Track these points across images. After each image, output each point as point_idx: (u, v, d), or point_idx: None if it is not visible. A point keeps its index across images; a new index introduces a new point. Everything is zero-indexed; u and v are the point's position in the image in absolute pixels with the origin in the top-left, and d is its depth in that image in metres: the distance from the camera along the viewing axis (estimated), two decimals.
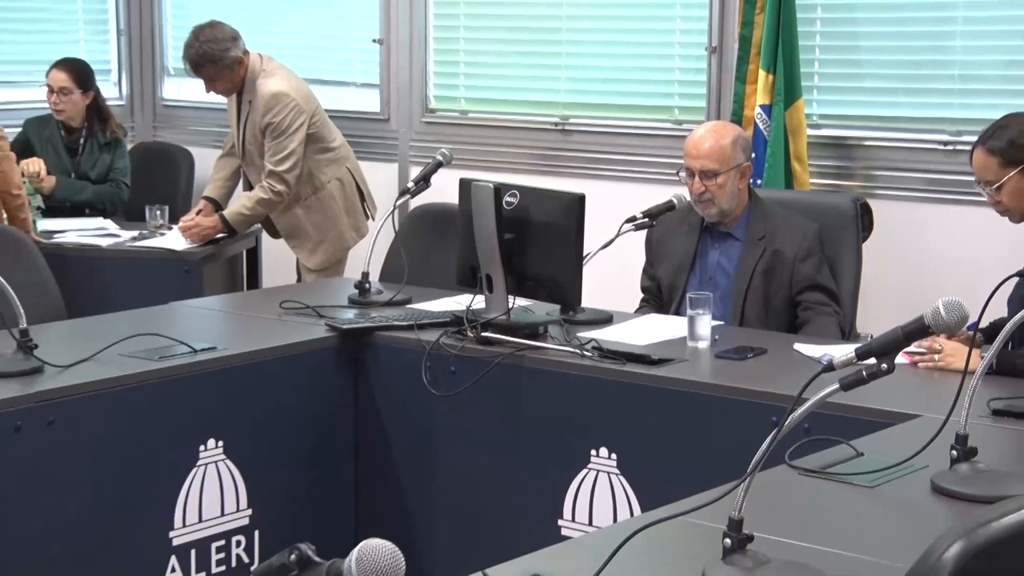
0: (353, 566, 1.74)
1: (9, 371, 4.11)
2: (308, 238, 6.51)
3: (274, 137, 6.36)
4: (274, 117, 6.35)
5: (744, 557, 2.64)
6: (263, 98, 6.40)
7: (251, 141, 6.46)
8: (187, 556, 4.38)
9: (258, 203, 6.37)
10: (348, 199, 6.52)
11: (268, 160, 6.36)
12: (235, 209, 6.42)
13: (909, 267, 5.57)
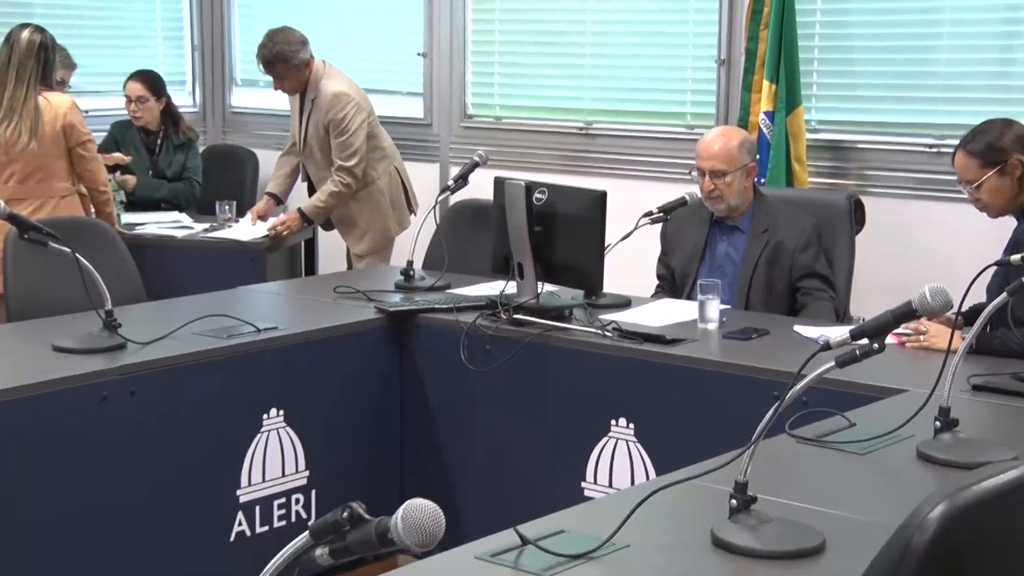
0: (399, 523, 1.74)
1: (96, 347, 4.15)
2: (357, 227, 6.51)
3: (339, 135, 6.34)
4: (336, 115, 6.33)
5: (748, 516, 2.64)
6: (326, 97, 6.37)
7: (312, 136, 6.44)
8: (252, 512, 4.41)
9: (330, 196, 6.36)
10: (394, 194, 6.52)
11: (336, 156, 6.33)
12: (311, 203, 6.41)
13: (897, 257, 5.55)
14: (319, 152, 6.47)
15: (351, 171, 6.34)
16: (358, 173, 6.37)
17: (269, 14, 7.86)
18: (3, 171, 5.67)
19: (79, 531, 3.96)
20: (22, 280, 4.79)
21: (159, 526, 4.15)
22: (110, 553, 4.03)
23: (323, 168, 6.50)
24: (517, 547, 2.57)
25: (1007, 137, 4.07)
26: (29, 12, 6.95)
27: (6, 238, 4.77)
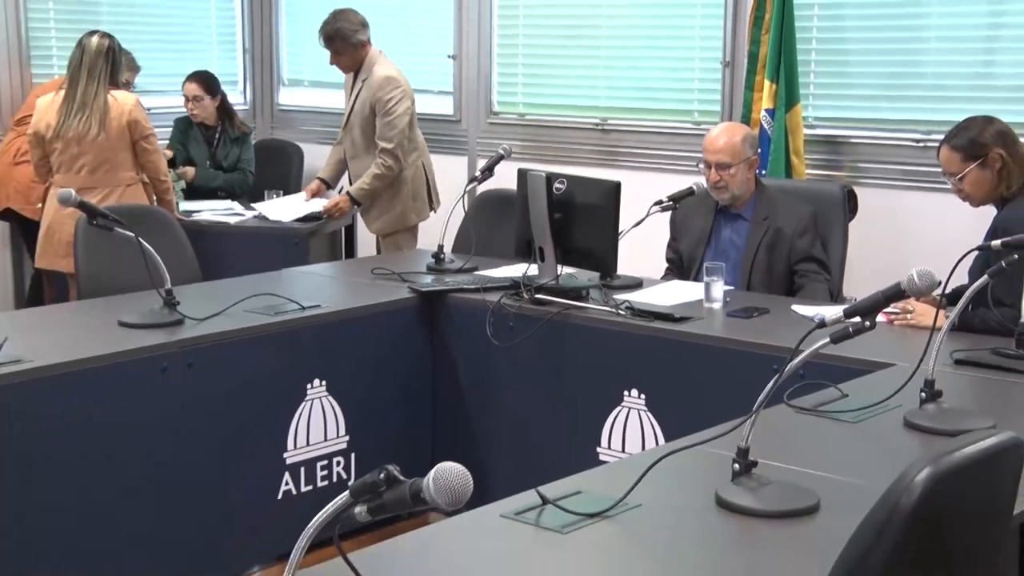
0: (431, 484, 1.75)
1: (157, 323, 4.17)
2: (375, 208, 6.43)
3: (384, 115, 6.25)
4: (384, 95, 6.26)
5: (749, 479, 2.65)
6: (377, 78, 6.32)
7: (357, 113, 6.39)
8: (298, 472, 4.43)
9: (374, 178, 6.30)
10: (416, 186, 6.47)
11: (379, 138, 6.26)
12: (357, 186, 6.36)
13: (887, 243, 5.53)
14: (358, 129, 6.41)
15: (392, 153, 6.27)
16: (399, 155, 6.30)
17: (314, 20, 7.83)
18: (75, 162, 5.69)
19: (142, 489, 3.99)
20: (91, 262, 4.81)
21: (214, 485, 4.17)
22: (169, 510, 4.05)
23: (359, 147, 6.44)
24: (538, 506, 2.58)
25: (988, 133, 4.05)
26: (97, 20, 6.99)
27: (77, 224, 4.79)
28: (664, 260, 5.07)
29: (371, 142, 6.36)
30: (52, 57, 6.95)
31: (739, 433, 2.68)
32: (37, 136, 5.74)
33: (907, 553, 2.06)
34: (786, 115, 5.87)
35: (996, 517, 2.31)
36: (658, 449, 3.01)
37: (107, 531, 3.91)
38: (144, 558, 4.00)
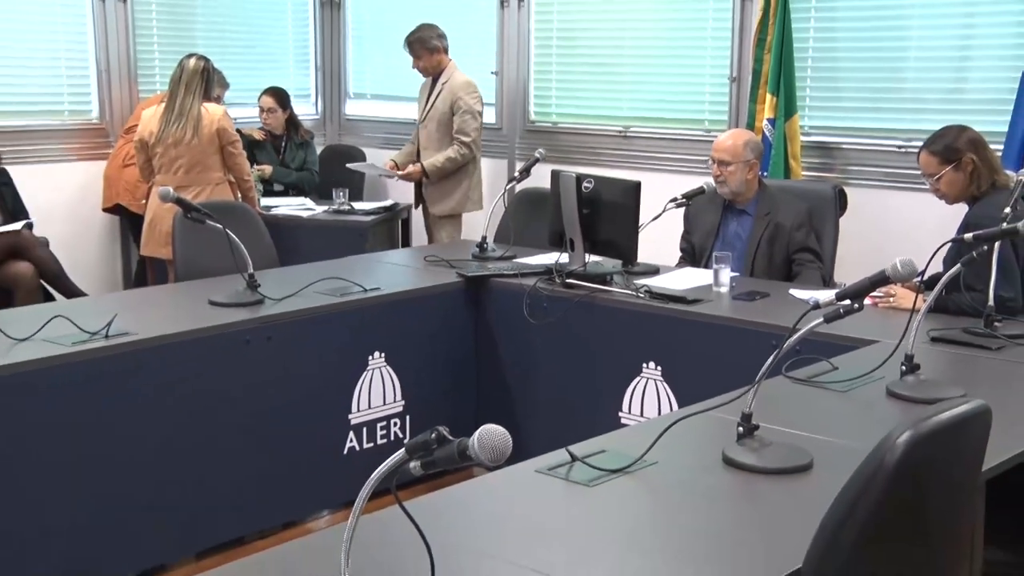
0: (476, 443, 1.75)
1: (241, 302, 4.20)
2: (442, 192, 6.45)
3: (464, 114, 6.33)
4: (466, 97, 6.34)
5: (752, 440, 2.64)
6: (460, 82, 6.40)
7: (436, 111, 6.41)
8: (360, 432, 4.45)
9: (447, 160, 6.34)
10: (475, 182, 6.49)
11: (456, 132, 6.33)
12: (431, 162, 6.37)
13: (873, 235, 5.50)
14: (435, 124, 6.43)
15: (467, 144, 6.34)
16: (473, 148, 6.38)
17: (376, 42, 7.89)
18: (173, 164, 5.73)
19: (228, 445, 4.02)
20: (186, 250, 4.85)
21: (289, 442, 4.21)
22: (252, 461, 4.09)
23: (433, 139, 6.44)
24: (568, 463, 2.59)
25: (961, 140, 4.02)
26: (194, 43, 7.01)
27: (175, 217, 4.83)
28: (678, 250, 5.06)
29: (444, 137, 6.40)
30: (155, 75, 6.99)
31: (743, 400, 2.68)
32: (141, 142, 5.80)
33: (889, 506, 2.06)
34: (785, 124, 5.85)
35: (966, 475, 2.31)
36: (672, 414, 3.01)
37: (199, 477, 3.95)
38: (229, 503, 4.04)
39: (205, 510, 3.97)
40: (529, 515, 2.38)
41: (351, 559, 1.82)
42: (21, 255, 5.83)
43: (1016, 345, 3.59)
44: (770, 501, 2.46)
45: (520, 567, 2.12)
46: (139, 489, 3.79)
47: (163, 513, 3.86)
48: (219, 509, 4.01)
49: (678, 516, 2.41)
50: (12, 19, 6.46)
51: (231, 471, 4.02)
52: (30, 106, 6.59)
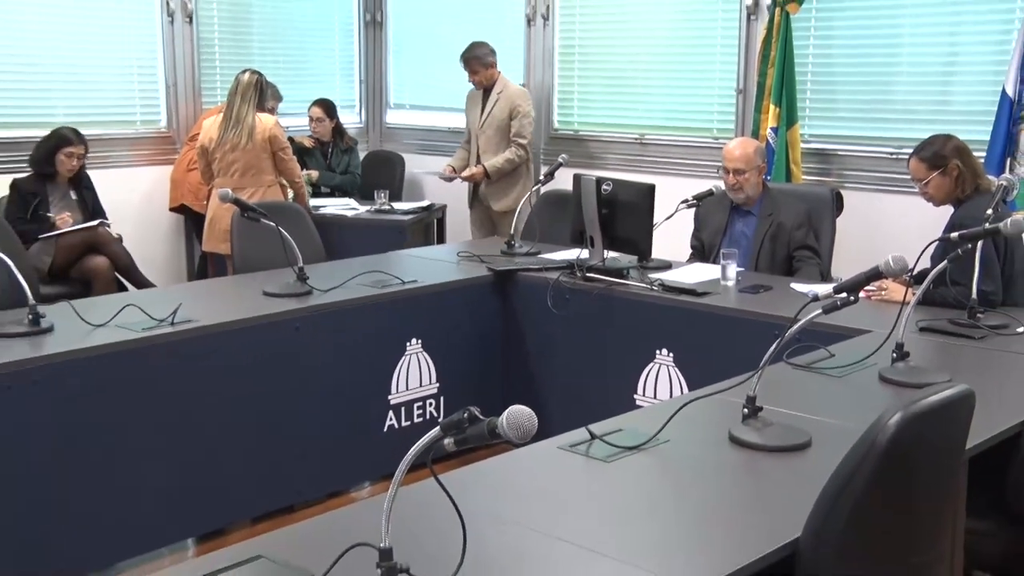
0: (504, 422, 1.75)
1: (292, 293, 4.21)
2: (502, 191, 6.46)
3: (521, 119, 6.39)
4: (522, 105, 6.41)
5: (756, 420, 2.64)
6: (515, 91, 6.49)
7: (494, 118, 6.44)
8: (399, 411, 4.45)
9: (507, 161, 6.38)
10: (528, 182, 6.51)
11: (514, 136, 6.38)
12: (492, 163, 6.39)
13: (866, 234, 5.46)
14: (493, 130, 6.45)
15: (524, 147, 6.41)
16: (528, 150, 6.43)
17: (414, 57, 7.89)
18: (230, 168, 5.75)
19: (280, 421, 4.03)
20: (242, 245, 4.87)
21: (335, 419, 4.22)
22: (300, 437, 4.10)
23: (492, 143, 6.46)
24: (588, 440, 2.59)
25: (947, 148, 4.01)
26: (250, 59, 7.06)
27: (233, 216, 4.84)
28: (689, 247, 5.04)
29: (502, 140, 6.43)
30: (216, 88, 7.01)
31: (748, 384, 2.67)
32: (203, 149, 5.83)
33: (881, 480, 2.06)
34: (787, 132, 5.82)
35: (951, 453, 2.31)
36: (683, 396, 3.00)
37: (253, 450, 3.98)
38: (280, 474, 4.06)
39: (259, 480, 3.99)
40: (552, 488, 2.38)
41: (390, 526, 1.82)
42: (98, 250, 5.87)
43: (997, 335, 3.59)
44: (772, 476, 2.45)
45: (543, 534, 2.13)
46: (200, 461, 3.81)
47: (221, 482, 3.88)
48: (271, 479, 4.03)
49: (688, 489, 2.41)
50: (91, 39, 6.49)
51: (282, 445, 4.04)
52: (107, 117, 6.63)
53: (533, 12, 7.11)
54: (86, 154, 5.93)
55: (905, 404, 2.07)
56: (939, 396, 2.13)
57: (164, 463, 3.71)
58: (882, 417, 2.05)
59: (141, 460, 3.65)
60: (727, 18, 6.30)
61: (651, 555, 2.06)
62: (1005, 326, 3.65)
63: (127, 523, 3.63)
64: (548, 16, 7.07)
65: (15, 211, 5.69)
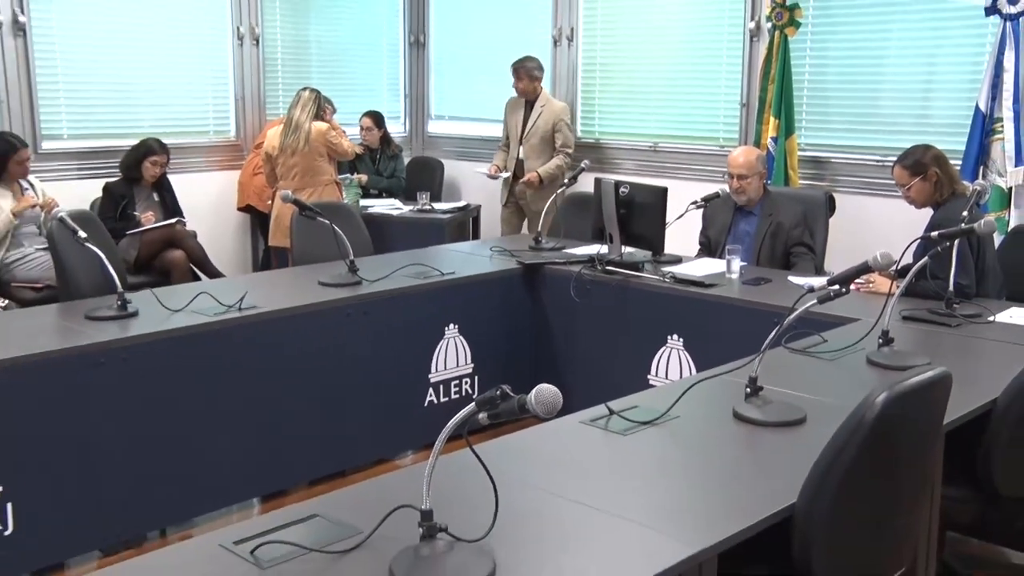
0: (533, 399, 1.75)
1: (344, 283, 4.22)
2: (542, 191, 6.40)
3: (568, 131, 6.46)
4: (564, 118, 6.46)
5: (757, 399, 2.63)
6: (559, 106, 6.52)
7: (539, 127, 6.46)
8: (439, 388, 4.46)
9: (557, 167, 6.39)
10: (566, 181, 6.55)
11: (559, 145, 6.42)
12: (545, 169, 6.41)
13: (856, 233, 5.42)
14: (537, 139, 6.47)
15: (569, 154, 6.43)
16: (572, 157, 6.43)
17: (454, 74, 7.88)
18: (291, 171, 5.79)
19: (332, 396, 4.05)
20: (301, 241, 4.88)
21: (382, 395, 4.24)
22: (351, 412, 4.12)
23: (536, 151, 6.48)
24: (606, 416, 2.59)
25: (927, 156, 4.00)
26: (309, 77, 7.07)
27: (293, 215, 4.86)
28: (697, 243, 5.02)
29: (545, 148, 6.46)
30: (279, 102, 7.03)
31: (750, 367, 2.67)
32: (267, 156, 5.87)
33: (868, 452, 2.05)
34: (785, 141, 5.79)
35: (930, 428, 2.30)
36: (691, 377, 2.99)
37: (308, 422, 4.00)
38: (333, 442, 4.08)
39: (315, 447, 4.02)
40: (574, 458, 2.38)
41: (431, 490, 1.83)
42: (176, 244, 5.91)
43: (971, 323, 3.57)
44: (771, 448, 2.44)
45: (565, 499, 2.13)
46: (264, 429, 3.84)
47: (282, 448, 3.91)
48: (326, 447, 4.05)
49: (696, 460, 2.41)
50: (173, 61, 6.53)
51: (334, 417, 4.06)
52: (184, 128, 6.66)
53: (559, 34, 7.09)
54: (168, 161, 5.98)
55: (890, 385, 2.06)
56: (920, 378, 2.13)
57: (233, 431, 3.75)
58: (869, 396, 2.04)
59: (213, 428, 3.69)
60: (732, 39, 6.26)
61: (662, 517, 2.06)
62: (978, 315, 3.64)
63: (201, 483, 3.67)
64: (572, 37, 7.05)
65: (107, 211, 5.75)
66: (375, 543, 1.87)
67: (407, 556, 1.82)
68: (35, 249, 5.33)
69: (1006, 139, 5.04)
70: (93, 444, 3.36)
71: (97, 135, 6.23)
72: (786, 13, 5.78)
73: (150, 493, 3.52)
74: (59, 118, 6.06)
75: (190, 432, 3.61)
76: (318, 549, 1.87)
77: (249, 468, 3.81)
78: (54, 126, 6.04)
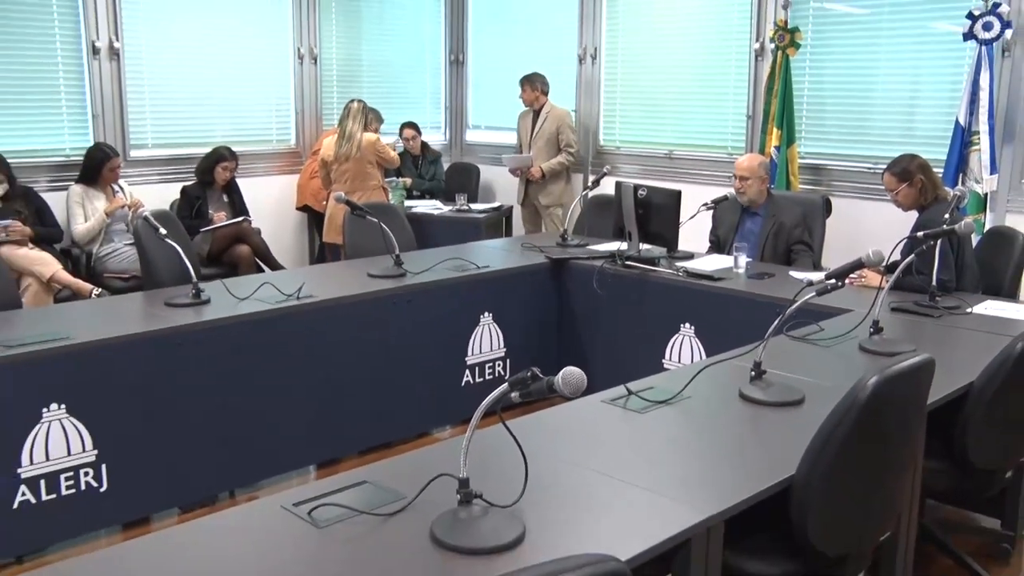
0: (560, 380, 1.75)
1: (390, 275, 4.23)
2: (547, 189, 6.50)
3: (571, 134, 6.51)
4: (567, 122, 6.53)
5: (761, 381, 2.62)
6: (561, 111, 6.58)
7: (545, 131, 6.49)
8: (474, 370, 4.46)
9: (558, 163, 6.46)
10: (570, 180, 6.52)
11: (563, 145, 6.48)
12: (547, 165, 6.47)
13: (850, 232, 5.37)
14: (543, 141, 6.52)
15: (573, 154, 6.50)
16: (575, 156, 6.50)
17: (489, 88, 7.88)
18: (343, 175, 5.79)
19: (379, 376, 4.07)
20: (352, 238, 4.90)
21: (423, 375, 4.24)
22: (395, 391, 4.13)
23: (543, 151, 6.51)
24: (625, 396, 2.59)
25: (913, 164, 3.99)
26: (360, 90, 7.07)
27: (345, 214, 4.88)
28: (708, 241, 4.99)
29: (551, 149, 6.52)
30: (333, 114, 7.04)
31: (755, 352, 2.66)
32: (323, 161, 5.89)
33: (860, 429, 2.04)
34: (787, 150, 5.75)
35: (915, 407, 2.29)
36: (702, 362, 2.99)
37: (357, 399, 4.01)
38: (379, 417, 4.10)
39: (364, 421, 4.03)
40: (596, 433, 2.39)
41: (467, 460, 1.84)
42: (243, 240, 5.96)
43: (951, 314, 3.55)
44: (773, 425, 2.43)
45: (588, 469, 2.14)
46: (320, 404, 3.87)
47: (336, 422, 3.93)
48: (374, 420, 4.07)
49: (705, 435, 2.40)
50: (241, 78, 6.58)
51: (382, 394, 4.08)
52: (251, 137, 6.71)
53: (584, 52, 7.07)
54: (236, 167, 6.03)
55: (880, 369, 2.06)
56: (907, 363, 2.12)
57: (293, 405, 3.78)
58: (862, 379, 2.03)
59: (276, 403, 3.72)
60: (739, 58, 6.22)
61: (675, 486, 2.06)
62: (958, 307, 3.62)
63: (265, 451, 3.71)
64: (596, 56, 7.02)
65: (183, 210, 5.82)
66: (418, 507, 1.89)
67: (446, 519, 1.83)
68: (123, 244, 5.42)
69: (982, 150, 5.03)
70: (173, 415, 3.41)
71: (176, 144, 6.30)
72: (787, 35, 5.77)
73: (221, 459, 3.56)
74: (145, 130, 6.14)
75: (256, 406, 3.65)
76: (367, 511, 1.89)
77: (306, 438, 3.84)
78: (141, 137, 6.12)
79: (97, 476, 3.26)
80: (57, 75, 5.70)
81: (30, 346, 3.10)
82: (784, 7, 5.85)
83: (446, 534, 1.78)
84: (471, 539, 1.77)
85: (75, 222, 5.40)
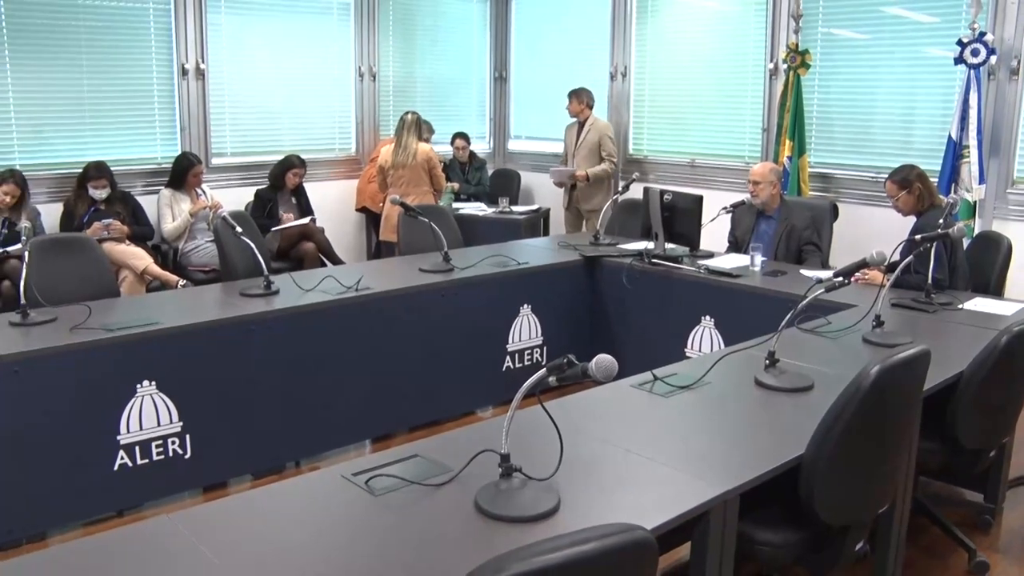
0: (594, 366, 1.76)
1: (439, 269, 4.23)
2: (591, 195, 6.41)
3: (612, 144, 6.38)
4: (610, 132, 6.40)
5: (775, 369, 2.61)
6: (602, 124, 6.44)
7: (588, 142, 6.41)
8: (514, 356, 4.46)
9: (601, 171, 6.35)
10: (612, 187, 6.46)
11: (609, 155, 6.35)
12: (592, 170, 6.37)
13: (855, 235, 5.30)
14: (586, 151, 6.42)
15: (614, 162, 6.40)
16: (616, 164, 6.43)
17: (529, 102, 7.88)
18: (399, 180, 5.79)
19: (428, 359, 4.07)
20: (406, 236, 4.90)
21: (468, 360, 4.24)
22: (442, 373, 4.14)
23: (585, 159, 6.41)
24: (651, 381, 2.59)
25: (912, 174, 3.95)
26: (414, 103, 7.10)
27: (399, 215, 4.89)
28: (726, 241, 4.95)
29: (593, 157, 6.38)
30: (390, 124, 7.08)
31: (769, 343, 2.64)
32: (380, 168, 5.89)
33: (863, 413, 2.03)
34: (798, 160, 5.69)
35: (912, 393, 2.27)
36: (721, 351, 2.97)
37: (408, 380, 4.02)
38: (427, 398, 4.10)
39: (415, 400, 4.05)
40: (624, 414, 2.39)
41: (509, 438, 1.85)
42: (308, 238, 6.00)
43: (945, 310, 3.52)
44: (785, 409, 2.42)
45: (617, 447, 2.14)
46: (375, 385, 3.89)
47: (389, 400, 3.95)
48: (424, 400, 4.08)
49: (723, 418, 2.39)
50: (309, 93, 6.64)
51: (431, 377, 4.09)
52: (317, 146, 6.77)
53: (615, 70, 7.04)
54: (304, 172, 6.09)
55: (882, 359, 2.04)
56: (905, 353, 2.10)
57: (352, 386, 3.81)
58: (865, 368, 2.02)
59: (337, 383, 3.76)
60: (755, 77, 6.16)
61: (696, 463, 2.06)
62: (951, 303, 3.58)
63: (326, 425, 3.75)
64: (626, 73, 6.99)
65: (256, 211, 5.88)
66: (463, 479, 1.91)
67: (489, 490, 1.85)
68: (205, 241, 5.51)
69: (972, 162, 5.02)
70: (247, 392, 3.46)
71: (252, 152, 6.38)
72: (799, 57, 5.76)
73: (288, 432, 3.61)
74: (224, 140, 6.23)
75: (318, 385, 3.69)
76: (418, 482, 1.91)
77: (362, 415, 3.87)
78: (221, 146, 6.21)
79: (182, 445, 3.33)
80: (152, 93, 5.84)
81: (127, 330, 3.18)
82: (795, 32, 5.84)
83: (488, 503, 1.80)
84: (511, 508, 1.78)
85: (164, 222, 5.52)
